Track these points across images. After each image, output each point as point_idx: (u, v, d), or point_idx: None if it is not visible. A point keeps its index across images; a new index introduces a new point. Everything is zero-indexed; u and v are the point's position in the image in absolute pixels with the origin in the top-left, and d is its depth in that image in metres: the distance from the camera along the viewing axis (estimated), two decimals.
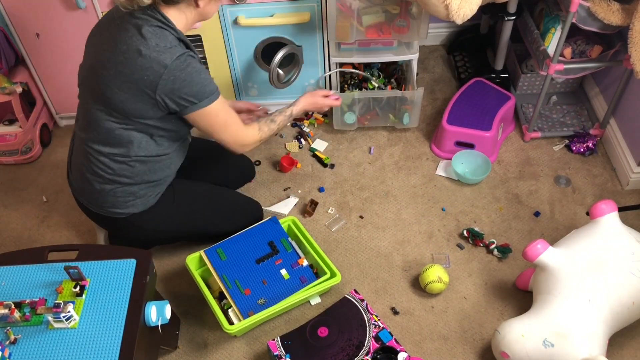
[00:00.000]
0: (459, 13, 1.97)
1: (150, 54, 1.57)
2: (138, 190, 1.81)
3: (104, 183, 1.78)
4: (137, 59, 1.58)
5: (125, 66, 1.59)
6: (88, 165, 1.78)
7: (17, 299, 1.56)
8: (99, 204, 1.83)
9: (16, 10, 2.27)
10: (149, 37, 1.58)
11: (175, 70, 1.59)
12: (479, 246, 2.14)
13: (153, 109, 1.66)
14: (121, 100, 1.64)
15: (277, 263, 1.99)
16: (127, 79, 1.61)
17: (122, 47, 1.59)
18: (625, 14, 2.02)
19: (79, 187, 1.86)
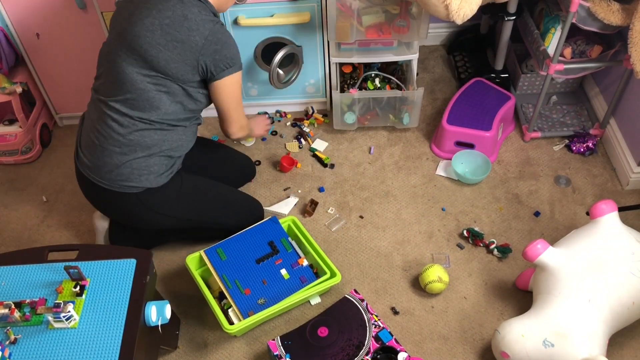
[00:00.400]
0: (459, 13, 1.97)
1: (196, 18, 1.73)
2: (153, 164, 1.85)
3: (122, 154, 1.81)
4: (183, 22, 1.73)
5: (172, 27, 1.73)
6: (108, 133, 1.80)
7: (17, 299, 1.56)
8: (112, 178, 1.83)
9: (16, 10, 2.27)
10: (191, 5, 1.74)
11: (217, 33, 1.76)
12: (479, 246, 2.14)
13: (192, 71, 1.78)
14: (165, 58, 1.75)
15: (277, 263, 1.99)
16: (173, 37, 1.73)
17: (167, 13, 1.73)
18: (625, 14, 2.02)
19: (92, 163, 1.84)
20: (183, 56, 1.75)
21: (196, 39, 1.74)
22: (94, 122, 1.84)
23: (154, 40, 1.73)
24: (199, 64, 1.77)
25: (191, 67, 1.77)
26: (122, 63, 1.76)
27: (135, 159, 1.82)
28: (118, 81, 1.78)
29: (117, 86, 1.78)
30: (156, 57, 1.74)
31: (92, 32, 2.34)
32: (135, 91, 1.77)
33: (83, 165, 1.87)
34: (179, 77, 1.78)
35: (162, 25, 1.73)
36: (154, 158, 1.85)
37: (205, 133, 2.62)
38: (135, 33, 1.74)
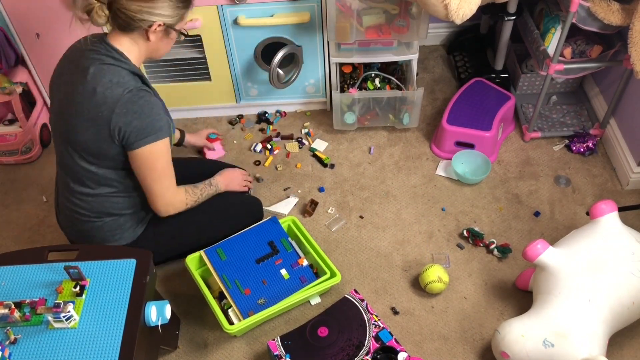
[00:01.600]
0: (458, 13, 1.97)
1: (104, 91, 1.63)
2: (124, 222, 1.87)
3: (93, 221, 1.84)
4: (92, 98, 1.63)
5: (83, 106, 1.65)
6: (75, 209, 1.83)
7: (17, 299, 1.56)
8: (90, 241, 1.87)
9: (16, 10, 2.27)
10: (102, 74, 1.64)
11: (127, 102, 1.63)
12: (479, 246, 2.14)
13: (112, 145, 1.68)
14: (85, 140, 1.69)
15: (277, 263, 1.99)
16: (85, 118, 1.65)
17: (79, 88, 1.65)
18: (625, 14, 2.02)
19: (67, 227, 1.92)
20: (99, 135, 1.66)
21: (105, 114, 1.63)
22: (61, 190, 1.87)
23: (74, 122, 1.68)
24: (112, 137, 1.66)
25: (109, 141, 1.67)
26: (60, 145, 1.77)
27: (105, 222, 1.85)
28: (63, 162, 1.78)
29: (65, 167, 1.79)
30: (78, 140, 1.69)
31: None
32: (78, 174, 1.76)
33: (61, 226, 1.97)
34: (105, 154, 1.70)
35: (76, 104, 1.65)
36: (125, 217, 1.87)
37: None
38: (60, 116, 1.71)
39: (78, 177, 1.78)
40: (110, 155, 1.71)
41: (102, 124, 1.64)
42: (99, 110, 1.63)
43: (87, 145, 1.69)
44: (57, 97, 1.74)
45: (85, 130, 1.67)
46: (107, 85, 1.63)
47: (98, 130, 1.66)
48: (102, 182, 1.78)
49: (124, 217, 1.87)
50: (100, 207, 1.82)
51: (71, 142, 1.72)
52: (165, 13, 1.65)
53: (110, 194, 1.81)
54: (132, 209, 1.88)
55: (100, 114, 1.63)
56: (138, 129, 1.64)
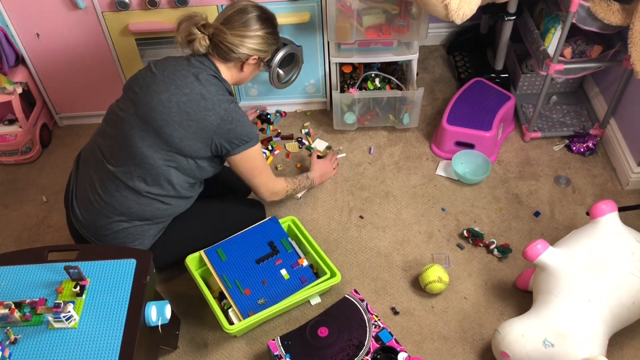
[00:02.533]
0: (459, 13, 1.97)
1: (212, 97, 1.76)
2: (149, 229, 1.89)
3: (122, 221, 1.84)
4: (200, 101, 1.75)
5: (188, 106, 1.74)
6: (111, 202, 1.81)
7: (17, 299, 1.56)
8: (107, 240, 1.86)
9: (16, 10, 2.27)
10: (208, 84, 1.77)
11: (232, 112, 1.78)
12: (479, 246, 2.14)
13: (205, 149, 1.80)
14: (179, 136, 1.76)
15: (277, 263, 1.99)
16: (189, 116, 1.75)
17: (185, 90, 1.75)
18: (626, 14, 2.02)
19: (88, 223, 1.85)
20: (197, 135, 1.77)
21: (212, 119, 1.75)
22: (95, 182, 1.83)
23: (170, 117, 1.74)
24: (212, 142, 1.79)
25: (204, 145, 1.79)
26: (134, 136, 1.76)
27: (134, 226, 1.86)
28: (128, 153, 1.78)
29: (126, 158, 1.79)
30: (171, 134, 1.75)
31: (92, 32, 2.34)
32: (144, 166, 1.78)
33: (77, 220, 1.88)
34: (191, 153, 1.80)
35: (179, 102, 1.74)
36: (154, 225, 1.89)
37: None
38: (151, 107, 1.75)
39: (140, 171, 1.79)
40: (196, 154, 1.80)
41: (206, 127, 1.76)
42: (207, 114, 1.75)
43: (181, 141, 1.76)
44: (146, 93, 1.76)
45: (184, 127, 1.75)
46: (215, 95, 1.76)
47: (198, 130, 1.76)
48: (155, 182, 1.80)
49: (154, 225, 1.89)
50: (139, 208, 1.83)
51: (160, 134, 1.76)
52: (262, 48, 1.84)
53: (154, 198, 1.83)
54: (165, 218, 1.91)
55: (208, 117, 1.75)
56: (242, 135, 1.80)
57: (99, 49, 2.40)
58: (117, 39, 2.36)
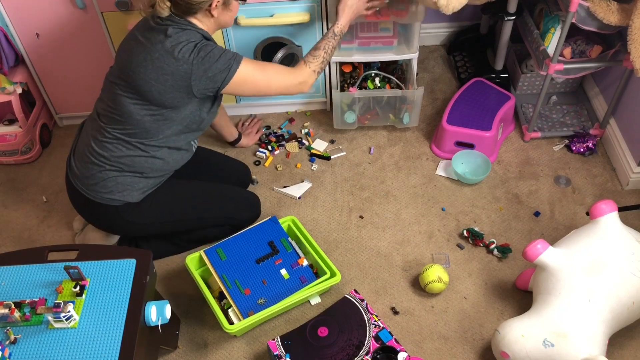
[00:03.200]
0: (449, 7, 2.03)
1: (181, 48, 1.76)
2: (138, 182, 1.91)
3: (112, 170, 1.87)
4: (170, 54, 1.76)
5: (161, 61, 1.77)
6: (102, 153, 1.87)
7: (17, 299, 1.56)
8: (96, 189, 1.89)
9: (16, 10, 2.27)
10: (177, 35, 1.77)
11: (200, 52, 1.77)
12: (479, 246, 2.14)
13: (188, 96, 1.82)
14: (159, 91, 1.79)
15: (277, 263, 1.99)
16: (163, 71, 1.77)
17: (157, 47, 1.77)
18: (625, 14, 2.02)
19: (81, 173, 1.90)
20: (175, 86, 1.79)
21: (184, 67, 1.76)
22: (91, 139, 1.90)
23: (147, 75, 1.78)
24: (193, 88, 1.80)
25: (186, 92, 1.81)
26: (121, 95, 1.83)
27: (123, 176, 1.89)
28: (117, 112, 1.84)
29: (117, 116, 1.85)
30: (149, 91, 1.79)
31: (92, 32, 2.34)
32: (133, 122, 1.84)
33: (72, 173, 1.94)
34: (174, 104, 1.82)
35: (153, 59, 1.77)
36: (143, 179, 1.92)
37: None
38: (131, 69, 1.80)
39: (129, 125, 1.84)
40: (179, 105, 1.83)
41: (181, 77, 1.77)
42: (178, 64, 1.76)
43: (161, 96, 1.80)
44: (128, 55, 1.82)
45: (161, 82, 1.78)
46: (184, 44, 1.76)
47: (175, 82, 1.78)
48: (145, 135, 1.85)
49: (144, 179, 1.91)
50: (129, 160, 1.87)
51: (141, 92, 1.80)
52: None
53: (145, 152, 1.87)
54: (156, 173, 1.92)
55: (180, 68, 1.76)
56: (219, 68, 1.79)
57: (99, 49, 2.40)
58: (117, 39, 2.36)
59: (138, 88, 1.80)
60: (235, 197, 2.17)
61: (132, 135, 1.86)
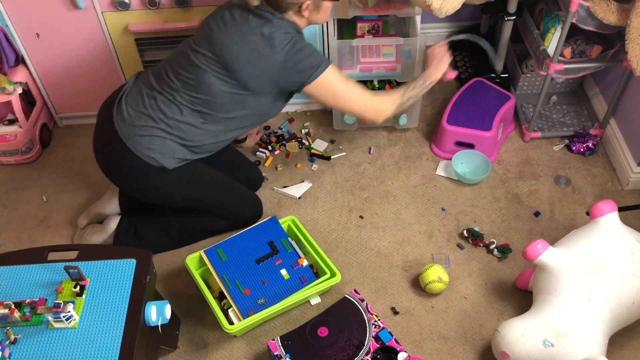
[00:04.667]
0: (441, 11, 2.04)
1: (279, 36, 1.81)
2: (180, 151, 1.92)
3: (164, 131, 1.88)
4: (267, 40, 1.81)
5: (257, 45, 1.81)
6: (164, 110, 1.87)
7: (17, 299, 1.56)
8: (139, 142, 1.87)
9: (16, 10, 2.27)
10: (275, 23, 1.82)
11: (296, 46, 1.83)
12: (479, 246, 2.14)
13: (272, 85, 1.87)
14: (248, 73, 1.84)
15: (277, 263, 1.99)
16: (258, 55, 1.82)
17: (255, 30, 1.82)
18: (624, 14, 2.03)
19: (130, 118, 1.89)
20: (264, 71, 1.84)
21: (278, 56, 1.81)
22: (156, 92, 1.89)
23: (241, 55, 1.82)
24: (280, 78, 1.85)
25: (271, 81, 1.86)
26: (205, 66, 1.84)
27: (171, 139, 1.89)
28: (195, 79, 1.86)
29: (192, 82, 1.86)
30: (239, 70, 1.83)
31: (92, 32, 2.34)
32: (209, 93, 1.86)
33: (120, 114, 1.91)
34: (255, 89, 1.87)
35: (249, 42, 1.81)
36: (186, 150, 1.93)
37: None
38: (225, 45, 1.83)
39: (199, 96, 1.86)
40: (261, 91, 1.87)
41: (273, 64, 1.82)
42: (274, 51, 1.81)
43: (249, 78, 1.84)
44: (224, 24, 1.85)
45: (252, 65, 1.82)
46: (282, 35, 1.81)
47: (267, 67, 1.83)
48: (215, 110, 1.88)
49: (184, 149, 1.92)
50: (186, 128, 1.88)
51: (229, 69, 1.83)
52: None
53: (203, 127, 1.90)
54: (200, 150, 1.95)
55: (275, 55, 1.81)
56: (309, 64, 1.84)
57: (99, 49, 2.40)
58: (117, 39, 2.36)
59: (228, 66, 1.83)
60: (244, 195, 2.19)
61: (202, 105, 1.87)
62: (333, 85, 1.91)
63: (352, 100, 1.95)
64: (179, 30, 2.31)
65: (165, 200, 2.05)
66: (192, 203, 2.07)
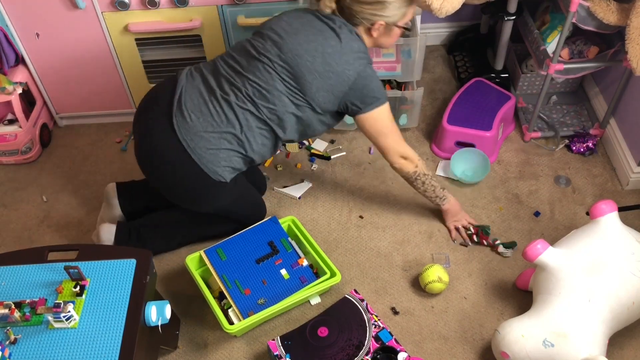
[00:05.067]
0: (441, 11, 2.05)
1: (353, 54, 1.80)
2: (237, 162, 1.88)
3: (232, 142, 1.83)
4: (343, 55, 1.79)
5: (332, 58, 1.79)
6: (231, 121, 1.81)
7: (17, 299, 1.56)
8: (205, 156, 1.81)
9: (16, 10, 2.27)
10: (351, 40, 1.81)
11: (368, 69, 1.83)
12: (483, 244, 2.13)
13: (334, 102, 1.85)
14: (317, 86, 1.81)
15: (277, 263, 1.99)
16: (331, 69, 1.79)
17: (331, 42, 1.80)
18: (624, 14, 2.03)
19: (194, 125, 1.80)
20: (333, 87, 1.81)
21: (350, 73, 1.80)
22: (217, 94, 1.81)
23: (314, 66, 1.79)
24: (345, 97, 1.84)
25: (336, 98, 1.84)
26: (274, 74, 1.81)
27: (236, 153, 1.85)
28: (263, 87, 1.81)
29: (263, 92, 1.81)
30: (310, 82, 1.80)
31: (92, 32, 2.34)
32: (275, 104, 1.82)
33: (182, 119, 1.80)
34: (320, 104, 1.84)
35: (325, 53, 1.79)
36: (243, 161, 1.89)
37: None
38: (298, 54, 1.79)
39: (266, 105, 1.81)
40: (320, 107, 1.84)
41: (343, 80, 1.80)
42: (347, 67, 1.79)
43: (317, 91, 1.81)
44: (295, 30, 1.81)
45: (323, 77, 1.80)
46: (356, 52, 1.81)
47: (336, 83, 1.81)
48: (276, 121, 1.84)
49: (243, 162, 1.88)
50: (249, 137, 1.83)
51: (298, 78, 1.80)
52: (388, 14, 1.81)
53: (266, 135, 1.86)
54: (255, 160, 1.91)
55: (346, 71, 1.80)
56: (374, 92, 1.85)
57: (99, 49, 2.40)
58: (117, 39, 2.36)
59: (299, 74, 1.80)
60: (258, 200, 2.17)
61: (267, 113, 1.82)
62: (384, 121, 1.91)
63: (390, 137, 1.95)
64: (179, 30, 2.31)
65: (199, 207, 1.98)
66: (221, 211, 2.02)
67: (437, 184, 2.08)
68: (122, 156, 2.53)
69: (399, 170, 2.02)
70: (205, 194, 1.90)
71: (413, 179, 2.04)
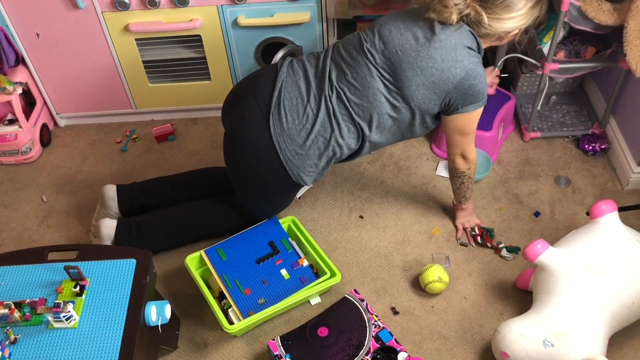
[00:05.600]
0: None
1: (464, 51, 1.71)
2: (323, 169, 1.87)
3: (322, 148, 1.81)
4: (451, 51, 1.70)
5: (438, 53, 1.70)
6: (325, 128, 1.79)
7: (17, 299, 1.56)
8: (295, 163, 1.81)
9: (16, 10, 2.27)
10: (465, 36, 1.72)
11: (478, 68, 1.73)
12: (487, 247, 2.13)
13: (436, 101, 1.77)
14: (417, 83, 1.73)
15: (277, 263, 1.99)
16: (435, 64, 1.71)
17: (441, 36, 1.70)
18: (617, 14, 2.01)
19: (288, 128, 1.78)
20: (436, 85, 1.73)
21: (457, 71, 1.71)
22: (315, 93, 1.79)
23: (416, 62, 1.72)
24: (447, 95, 1.75)
25: (438, 97, 1.76)
26: (373, 72, 1.76)
27: (324, 160, 1.84)
28: (360, 84, 1.77)
29: (357, 87, 1.77)
30: (409, 79, 1.73)
31: (92, 32, 2.34)
32: (370, 103, 1.77)
33: (278, 117, 1.79)
34: (418, 104, 1.77)
35: (431, 48, 1.71)
36: (328, 163, 1.86)
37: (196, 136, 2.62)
38: (402, 50, 1.73)
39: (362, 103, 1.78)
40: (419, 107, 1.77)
41: (448, 78, 1.71)
42: (453, 65, 1.70)
43: (416, 89, 1.74)
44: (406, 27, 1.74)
45: (426, 74, 1.72)
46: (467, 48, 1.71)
47: (439, 81, 1.72)
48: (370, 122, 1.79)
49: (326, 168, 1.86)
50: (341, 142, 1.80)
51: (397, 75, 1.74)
52: (524, 22, 1.75)
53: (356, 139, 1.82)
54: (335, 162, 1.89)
55: (453, 69, 1.70)
56: (479, 93, 1.76)
57: (99, 49, 2.40)
58: (117, 39, 2.36)
59: (399, 71, 1.73)
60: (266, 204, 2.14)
61: (362, 118, 1.79)
62: (473, 123, 1.84)
63: (465, 141, 1.89)
64: (179, 31, 2.31)
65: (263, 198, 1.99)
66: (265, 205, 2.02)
67: (472, 188, 2.08)
68: (122, 156, 2.53)
69: (452, 163, 1.98)
70: (280, 193, 1.93)
71: (457, 176, 2.02)
